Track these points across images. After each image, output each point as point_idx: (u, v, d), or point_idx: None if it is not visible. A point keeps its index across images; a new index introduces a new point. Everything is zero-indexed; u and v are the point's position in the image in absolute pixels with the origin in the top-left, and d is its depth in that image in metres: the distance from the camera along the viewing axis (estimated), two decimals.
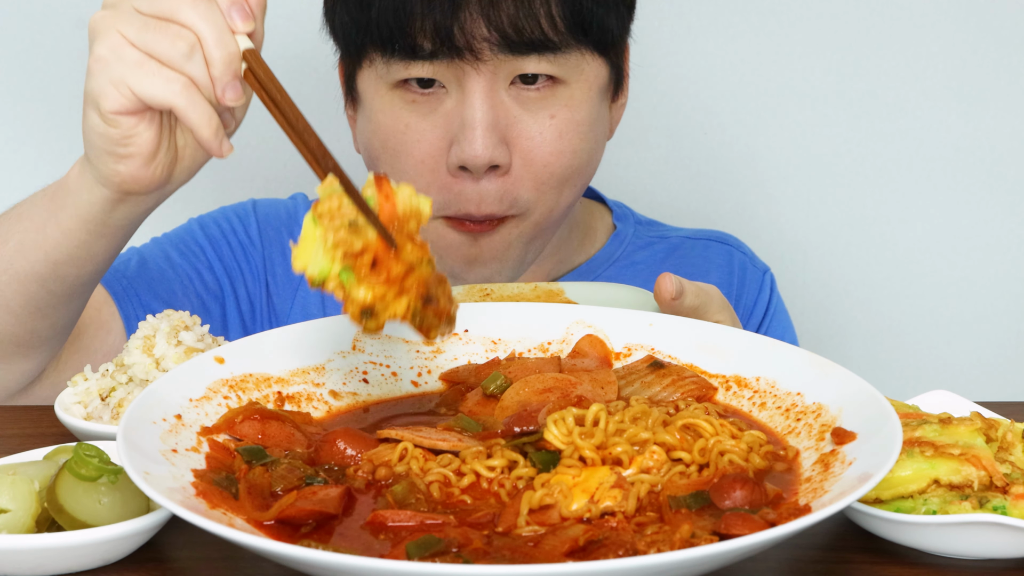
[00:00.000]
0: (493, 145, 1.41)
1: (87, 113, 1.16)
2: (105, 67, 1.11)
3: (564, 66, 1.43)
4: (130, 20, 1.10)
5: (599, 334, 1.19)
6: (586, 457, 0.95)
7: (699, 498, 0.91)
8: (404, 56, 1.41)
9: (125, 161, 1.16)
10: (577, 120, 1.46)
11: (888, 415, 0.96)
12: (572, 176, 1.48)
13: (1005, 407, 1.17)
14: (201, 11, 1.09)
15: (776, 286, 1.78)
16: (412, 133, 1.45)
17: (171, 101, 1.10)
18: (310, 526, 0.90)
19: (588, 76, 1.47)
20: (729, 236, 1.81)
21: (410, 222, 1.03)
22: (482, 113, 1.40)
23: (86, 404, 1.18)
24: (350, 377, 1.14)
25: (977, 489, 0.96)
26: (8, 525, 0.92)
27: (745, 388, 1.11)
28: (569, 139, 1.46)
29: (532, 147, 1.44)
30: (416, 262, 1.02)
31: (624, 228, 1.75)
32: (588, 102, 1.47)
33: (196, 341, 1.18)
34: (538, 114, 1.44)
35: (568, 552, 0.84)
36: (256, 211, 1.72)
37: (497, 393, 1.10)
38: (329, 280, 1.00)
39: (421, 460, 0.97)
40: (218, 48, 1.09)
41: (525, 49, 1.40)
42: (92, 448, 0.95)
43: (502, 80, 1.42)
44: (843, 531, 1.00)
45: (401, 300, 1.02)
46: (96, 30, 1.12)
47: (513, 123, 1.43)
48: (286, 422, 1.04)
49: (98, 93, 1.12)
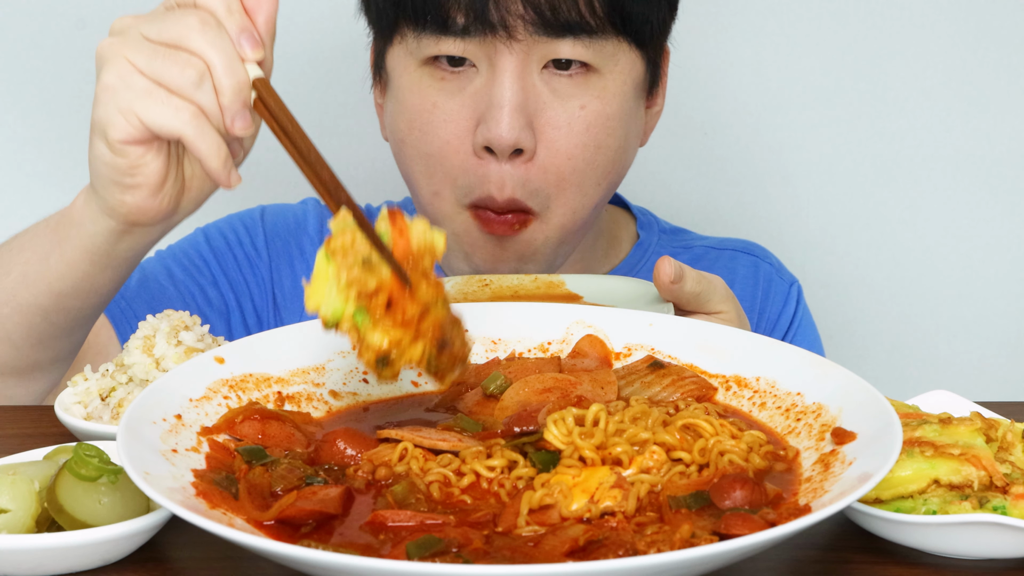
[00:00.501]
0: (520, 127, 1.38)
1: (94, 142, 1.13)
2: (113, 95, 1.09)
3: (599, 53, 1.40)
4: (138, 47, 1.08)
5: (599, 334, 1.19)
6: (586, 457, 0.95)
7: (699, 498, 0.91)
8: (436, 30, 1.39)
9: (132, 191, 1.14)
10: (607, 114, 1.43)
11: (888, 415, 0.96)
12: (595, 173, 1.45)
13: (1005, 407, 1.17)
14: (210, 38, 1.07)
15: (803, 298, 1.75)
16: (439, 112, 1.42)
17: (180, 130, 1.08)
18: (310, 526, 0.90)
19: (623, 68, 1.44)
20: (756, 246, 1.78)
21: (424, 259, 1.01)
22: (511, 93, 1.38)
23: (86, 404, 1.18)
24: (350, 377, 1.14)
25: (977, 489, 0.96)
26: (8, 525, 0.92)
27: (745, 388, 1.11)
28: (595, 133, 1.43)
29: (558, 136, 1.41)
30: (431, 302, 1.00)
31: (648, 237, 1.73)
32: (621, 96, 1.44)
33: (196, 341, 1.18)
34: (568, 102, 1.41)
35: (568, 552, 0.84)
36: (264, 220, 1.69)
37: (497, 393, 1.10)
38: (343, 321, 0.98)
39: (421, 460, 0.97)
40: (228, 76, 1.07)
41: (560, 31, 1.37)
42: (92, 448, 0.95)
43: (535, 62, 1.40)
44: (843, 531, 1.00)
45: (416, 345, 1.00)
46: (104, 57, 1.10)
47: (542, 109, 1.41)
48: (286, 422, 1.04)
49: (106, 122, 1.10)
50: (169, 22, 1.08)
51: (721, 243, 1.77)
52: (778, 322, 1.71)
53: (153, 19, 1.10)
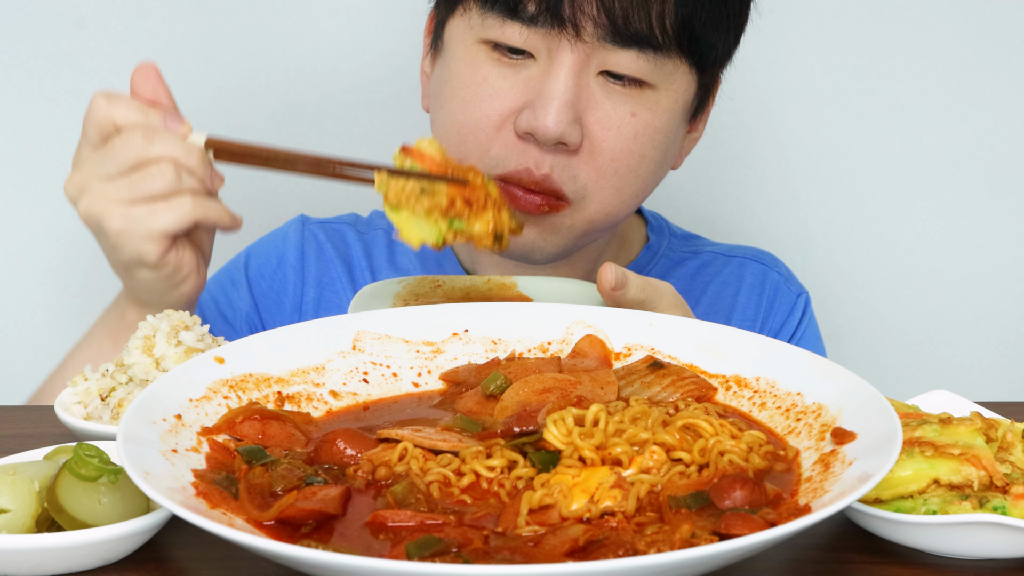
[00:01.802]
0: (567, 122, 1.37)
1: (133, 274, 1.31)
2: (129, 236, 1.26)
3: (658, 71, 1.40)
4: (115, 188, 1.25)
5: (599, 334, 1.19)
6: (586, 457, 0.95)
7: (699, 498, 0.91)
8: (504, 13, 1.38)
9: (183, 283, 1.33)
10: (656, 126, 1.43)
11: (888, 415, 0.96)
12: (636, 181, 1.45)
13: (1005, 407, 1.17)
14: (157, 140, 1.25)
15: (810, 309, 1.74)
16: (487, 87, 1.41)
17: (191, 219, 1.26)
18: (310, 526, 0.90)
19: (678, 88, 1.44)
20: (766, 255, 1.77)
21: (451, 161, 1.28)
22: (565, 87, 1.37)
23: (86, 404, 1.18)
24: (350, 377, 1.14)
25: (977, 489, 0.96)
26: (8, 525, 0.92)
27: (745, 388, 1.11)
28: (642, 142, 1.43)
29: (606, 137, 1.40)
30: (482, 182, 1.27)
31: (658, 241, 1.72)
32: (671, 112, 1.44)
33: (196, 341, 1.18)
34: (620, 107, 1.41)
35: (568, 552, 0.84)
36: (248, 269, 1.70)
37: (497, 393, 1.10)
38: (447, 235, 1.24)
39: (421, 460, 0.97)
40: (189, 156, 1.25)
41: (627, 41, 1.37)
42: (92, 448, 0.95)
43: (593, 66, 1.39)
44: (843, 531, 1.00)
45: (502, 212, 1.27)
46: (91, 214, 1.26)
47: (594, 107, 1.40)
48: (286, 422, 1.04)
49: (138, 255, 1.27)
50: (120, 152, 1.25)
51: (731, 250, 1.75)
52: (780, 331, 1.70)
53: (102, 157, 1.26)
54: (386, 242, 1.71)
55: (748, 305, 1.69)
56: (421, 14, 1.59)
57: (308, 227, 1.72)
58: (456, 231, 1.26)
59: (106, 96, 1.28)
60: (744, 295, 1.69)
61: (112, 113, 1.27)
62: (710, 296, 1.70)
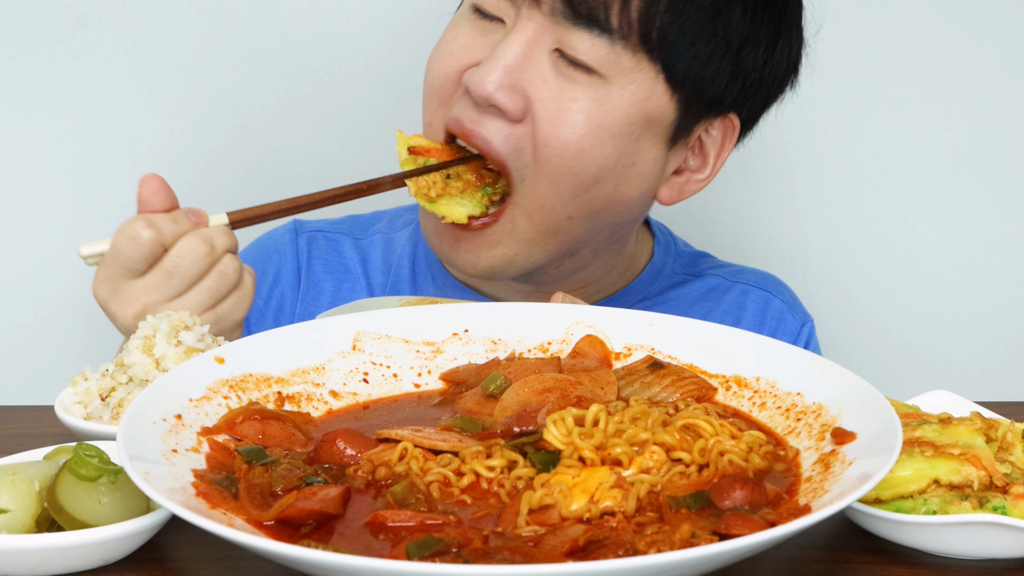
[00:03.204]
0: (500, 85, 1.35)
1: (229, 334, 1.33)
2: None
3: (613, 62, 1.35)
4: (196, 300, 1.27)
5: (599, 334, 1.19)
6: (585, 457, 0.95)
7: (699, 498, 0.91)
8: None
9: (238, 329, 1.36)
10: (599, 121, 1.36)
11: (888, 415, 0.96)
12: (572, 179, 1.38)
13: (1005, 407, 1.17)
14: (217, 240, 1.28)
15: (815, 338, 1.69)
16: (455, 44, 1.42)
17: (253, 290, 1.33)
18: (310, 526, 0.90)
19: (637, 90, 1.36)
20: (771, 281, 1.71)
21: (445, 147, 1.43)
22: (512, 55, 1.36)
23: (86, 404, 1.18)
24: (350, 377, 1.14)
25: (977, 489, 0.96)
26: (8, 525, 0.92)
27: (745, 388, 1.11)
28: (580, 134, 1.36)
29: (544, 117, 1.36)
30: None
31: (663, 260, 1.66)
32: (621, 112, 1.37)
33: (196, 341, 1.18)
34: (565, 90, 1.36)
35: (568, 552, 0.84)
36: None
37: (497, 393, 1.10)
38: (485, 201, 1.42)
39: (421, 460, 0.97)
40: (231, 239, 1.31)
41: (581, 19, 1.33)
42: (92, 448, 0.95)
43: (549, 40, 1.36)
44: (843, 531, 1.00)
45: None
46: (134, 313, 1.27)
47: (539, 83, 1.36)
48: (286, 422, 1.04)
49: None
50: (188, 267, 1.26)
51: (735, 275, 1.69)
52: None
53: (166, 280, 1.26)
54: (383, 246, 1.68)
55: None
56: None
57: (301, 236, 1.69)
58: (489, 196, 1.41)
59: (145, 223, 1.26)
60: (746, 323, 1.64)
61: (161, 236, 1.26)
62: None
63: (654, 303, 1.63)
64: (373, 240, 1.69)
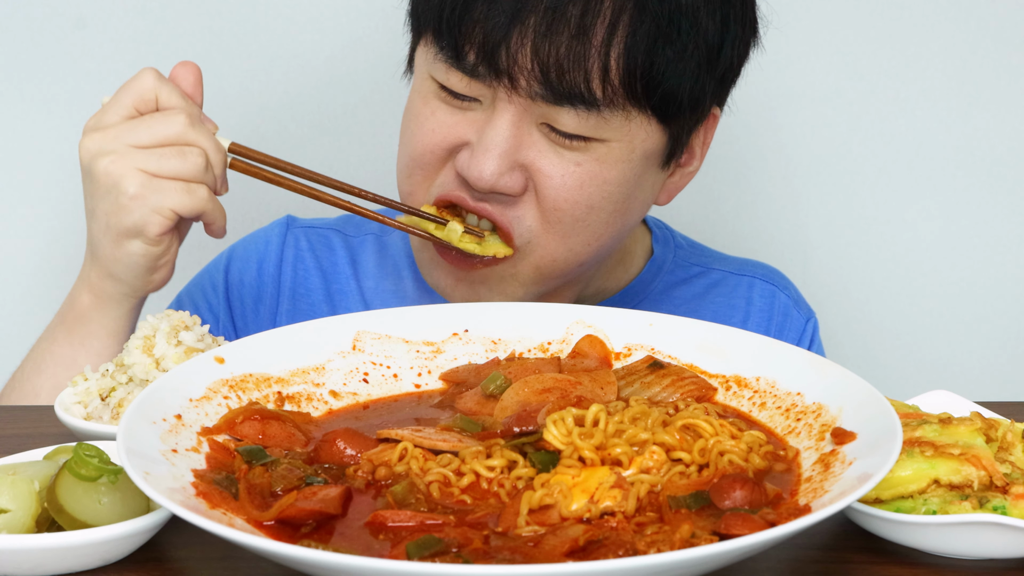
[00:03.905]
0: (501, 172, 1.34)
1: (125, 244, 1.32)
2: (142, 202, 1.29)
3: (604, 127, 1.34)
4: (144, 156, 1.28)
5: (599, 334, 1.19)
6: (585, 458, 0.95)
7: (699, 498, 0.91)
8: (449, 60, 1.35)
9: (161, 270, 1.36)
10: (605, 177, 1.36)
11: (888, 415, 0.96)
12: (585, 231, 1.39)
13: (1005, 407, 1.17)
14: (199, 129, 1.30)
15: (818, 333, 1.69)
16: (434, 121, 1.39)
17: (202, 208, 1.31)
18: (310, 526, 0.90)
19: (634, 138, 1.36)
20: (775, 274, 1.71)
21: None
22: (502, 139, 1.33)
23: (86, 404, 1.18)
24: (350, 377, 1.14)
25: (977, 489, 0.96)
26: (8, 525, 0.92)
27: (745, 388, 1.11)
28: (589, 192, 1.36)
29: (549, 185, 1.35)
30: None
31: (663, 254, 1.65)
32: (624, 163, 1.37)
33: (196, 341, 1.18)
34: (564, 157, 1.35)
35: (568, 552, 0.84)
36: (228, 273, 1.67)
37: (497, 393, 1.10)
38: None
39: (421, 460, 0.97)
40: (217, 153, 1.32)
41: (563, 99, 1.31)
42: (92, 448, 0.95)
43: (535, 116, 1.34)
44: (843, 531, 1.00)
45: None
46: (110, 171, 1.29)
47: (536, 155, 1.35)
48: (286, 422, 1.04)
49: (142, 224, 1.29)
50: (158, 126, 1.29)
51: (740, 268, 1.70)
52: None
53: (138, 125, 1.29)
54: (375, 248, 1.66)
55: (757, 327, 1.63)
56: None
57: (292, 231, 1.68)
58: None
59: (156, 74, 1.33)
60: (754, 320, 1.64)
61: (159, 90, 1.32)
62: (719, 318, 1.63)
63: (660, 300, 1.63)
64: (365, 240, 1.67)
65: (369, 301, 1.62)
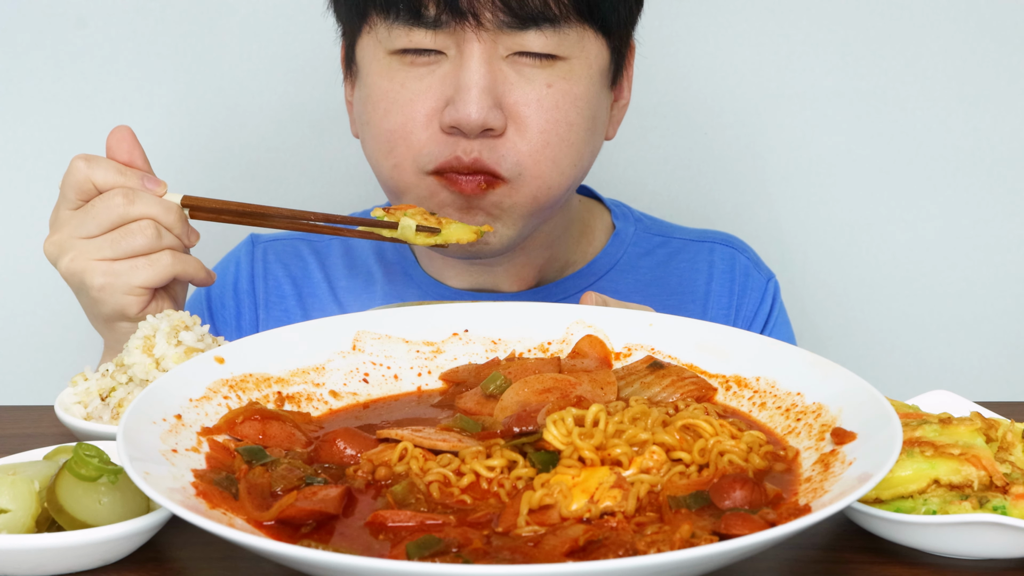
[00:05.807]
0: (488, 107, 1.40)
1: (115, 327, 1.38)
2: (111, 290, 1.34)
3: (564, 42, 1.43)
4: (97, 246, 1.33)
5: (599, 334, 1.19)
6: (585, 458, 0.95)
7: (699, 498, 0.91)
8: (408, 21, 1.42)
9: None
10: (575, 93, 1.46)
11: (888, 415, 0.96)
12: (570, 151, 1.47)
13: (1005, 407, 1.17)
14: (137, 200, 1.33)
15: (779, 294, 1.76)
16: (406, 92, 1.44)
17: (171, 274, 1.35)
18: (310, 526, 0.90)
19: (588, 55, 1.47)
20: (734, 239, 1.79)
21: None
22: (479, 76, 1.40)
23: (86, 404, 1.18)
24: (350, 377, 1.14)
25: (977, 489, 0.96)
26: (8, 525, 0.92)
27: (745, 388, 1.11)
28: (565, 110, 1.45)
29: (528, 113, 1.43)
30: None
31: (624, 227, 1.74)
32: (587, 79, 1.47)
33: (196, 341, 1.18)
34: (535, 81, 1.43)
35: (568, 552, 0.84)
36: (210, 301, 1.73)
37: (497, 393, 1.10)
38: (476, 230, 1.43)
39: (421, 460, 0.97)
40: (167, 215, 1.35)
41: (526, 22, 1.40)
42: (92, 448, 0.95)
43: (501, 50, 1.42)
44: (843, 531, 1.00)
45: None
46: (72, 271, 1.34)
47: (510, 89, 1.43)
48: (286, 422, 1.04)
49: (120, 308, 1.35)
50: (101, 213, 1.32)
51: (700, 236, 1.78)
52: (755, 319, 1.72)
53: (83, 217, 1.33)
54: (342, 251, 1.73)
55: (722, 292, 1.72)
56: None
57: (258, 247, 1.75)
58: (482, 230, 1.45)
59: (85, 159, 1.35)
60: (717, 282, 1.71)
61: (92, 175, 1.34)
62: (684, 284, 1.72)
63: (626, 270, 1.70)
64: (331, 244, 1.74)
65: (342, 300, 1.69)
